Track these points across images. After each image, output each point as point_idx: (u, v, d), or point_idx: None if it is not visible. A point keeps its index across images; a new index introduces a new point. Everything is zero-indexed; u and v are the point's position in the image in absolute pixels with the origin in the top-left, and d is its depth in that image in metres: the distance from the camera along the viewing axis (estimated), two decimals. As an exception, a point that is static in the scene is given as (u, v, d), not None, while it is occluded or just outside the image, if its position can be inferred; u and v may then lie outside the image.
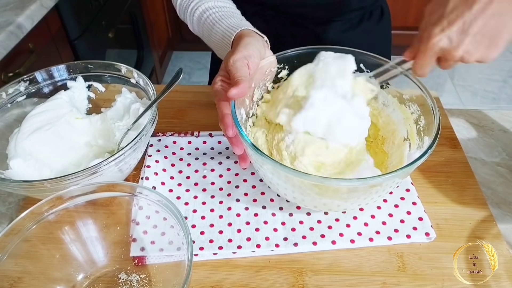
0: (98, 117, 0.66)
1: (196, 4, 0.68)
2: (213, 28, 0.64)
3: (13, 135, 0.60)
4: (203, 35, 0.69)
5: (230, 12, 0.66)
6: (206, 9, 0.67)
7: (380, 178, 0.44)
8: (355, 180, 0.45)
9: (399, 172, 0.44)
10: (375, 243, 0.53)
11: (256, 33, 0.59)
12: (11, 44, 0.97)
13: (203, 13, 0.67)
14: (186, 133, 0.68)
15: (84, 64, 0.67)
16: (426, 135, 0.52)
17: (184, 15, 0.72)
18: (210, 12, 0.66)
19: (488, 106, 2.23)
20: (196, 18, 0.68)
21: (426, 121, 0.53)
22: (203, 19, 0.67)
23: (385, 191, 0.50)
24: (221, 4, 0.68)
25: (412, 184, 0.60)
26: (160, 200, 0.47)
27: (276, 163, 0.45)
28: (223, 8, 0.67)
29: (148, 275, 0.51)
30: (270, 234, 0.54)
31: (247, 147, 0.48)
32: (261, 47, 0.56)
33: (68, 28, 1.31)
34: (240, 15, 0.67)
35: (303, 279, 0.50)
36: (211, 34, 0.65)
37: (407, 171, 0.45)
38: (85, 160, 0.61)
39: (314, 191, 0.47)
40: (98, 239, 0.51)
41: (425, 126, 0.53)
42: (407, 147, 0.55)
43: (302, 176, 0.44)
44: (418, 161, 0.45)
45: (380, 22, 0.88)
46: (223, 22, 0.63)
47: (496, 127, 0.73)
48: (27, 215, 0.45)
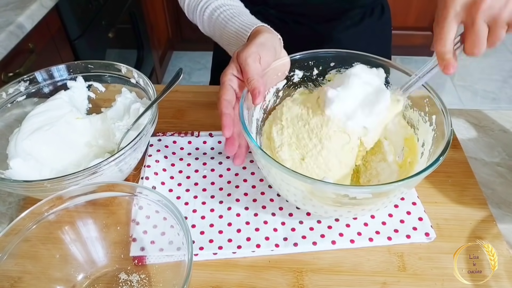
0: (98, 117, 0.66)
1: (205, 4, 0.68)
2: (226, 26, 0.64)
3: (13, 135, 0.60)
4: (214, 34, 0.69)
5: (241, 10, 0.67)
6: (217, 7, 0.67)
7: (387, 186, 0.44)
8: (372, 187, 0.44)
9: (406, 181, 0.43)
10: (375, 243, 0.53)
11: (272, 31, 0.60)
12: (11, 44, 0.97)
13: (213, 12, 0.67)
14: (186, 133, 0.68)
15: (84, 64, 0.67)
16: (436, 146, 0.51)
17: (193, 15, 0.72)
18: (221, 10, 0.66)
19: (488, 106, 2.23)
20: (206, 17, 0.68)
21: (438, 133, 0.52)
22: (214, 17, 0.67)
23: (388, 202, 0.50)
24: (231, 2, 0.68)
25: (412, 184, 0.60)
26: (160, 200, 0.47)
27: (282, 167, 0.44)
28: (233, 6, 0.67)
29: (148, 275, 0.51)
30: (270, 234, 0.54)
31: (254, 150, 0.48)
32: (277, 45, 0.56)
33: (68, 28, 1.31)
34: (250, 13, 0.68)
35: (303, 279, 0.50)
36: (223, 32, 0.65)
37: (415, 180, 0.44)
38: (85, 160, 0.61)
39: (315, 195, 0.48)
40: (98, 239, 0.51)
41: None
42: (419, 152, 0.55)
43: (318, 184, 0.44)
44: (429, 169, 0.44)
45: (381, 19, 0.88)
46: (237, 19, 0.63)
47: (496, 127, 0.73)
48: (27, 215, 0.45)
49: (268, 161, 0.45)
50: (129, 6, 1.78)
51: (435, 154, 0.48)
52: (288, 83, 0.62)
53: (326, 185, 0.44)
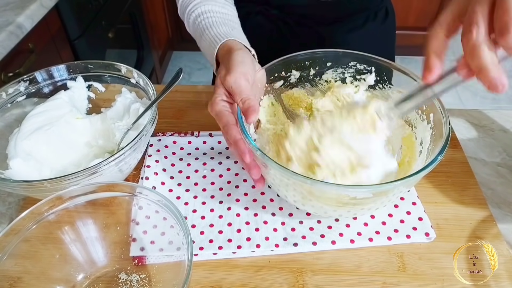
0: (98, 117, 0.66)
1: (194, 6, 0.67)
2: (203, 34, 0.63)
3: (13, 135, 0.60)
4: (195, 38, 0.68)
5: (225, 19, 0.65)
6: (202, 12, 0.65)
7: (386, 185, 0.44)
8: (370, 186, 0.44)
9: (405, 180, 0.43)
10: (375, 243, 0.53)
11: (244, 46, 0.58)
12: (11, 44, 0.97)
13: (198, 17, 0.66)
14: (186, 133, 0.68)
15: (84, 64, 0.67)
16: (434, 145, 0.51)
17: (183, 15, 0.71)
18: (204, 17, 0.65)
19: (488, 106, 2.23)
20: (191, 20, 0.67)
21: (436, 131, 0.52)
22: (197, 22, 0.66)
23: (387, 201, 0.49)
24: (219, 9, 0.66)
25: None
26: (160, 200, 0.47)
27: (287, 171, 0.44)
28: (219, 13, 0.65)
29: (148, 275, 0.51)
30: (270, 234, 0.54)
31: (264, 162, 0.46)
32: (252, 61, 0.55)
33: (68, 28, 1.31)
34: (235, 24, 0.66)
35: (303, 279, 0.50)
36: (201, 39, 0.64)
37: (415, 179, 0.44)
38: (85, 160, 0.61)
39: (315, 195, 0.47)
40: (98, 239, 0.51)
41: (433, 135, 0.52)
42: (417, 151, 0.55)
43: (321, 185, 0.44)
44: (428, 167, 0.44)
45: (385, 23, 0.87)
46: (213, 29, 0.62)
47: (496, 127, 0.73)
48: (27, 215, 0.45)
49: (268, 162, 0.45)
50: (129, 6, 1.78)
51: (434, 153, 0.47)
52: (285, 83, 0.62)
53: (326, 185, 0.44)
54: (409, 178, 0.43)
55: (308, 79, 0.62)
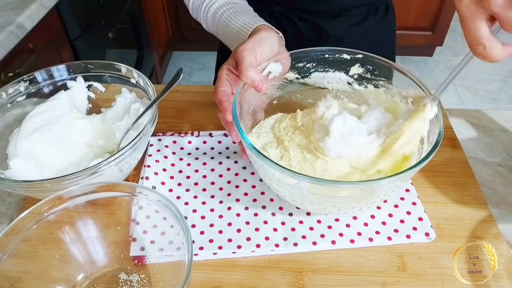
0: (98, 117, 0.66)
1: (209, 2, 0.70)
2: (229, 25, 0.66)
3: (13, 135, 0.60)
4: (217, 32, 0.71)
5: (244, 8, 0.68)
6: (220, 6, 0.69)
7: (381, 181, 0.44)
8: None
9: (399, 175, 0.43)
10: (375, 243, 0.53)
11: (272, 29, 0.61)
12: (11, 44, 0.97)
13: (217, 11, 0.69)
14: (186, 133, 0.68)
15: (84, 64, 0.67)
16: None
17: (198, 14, 0.74)
18: (225, 9, 0.68)
19: (488, 106, 2.23)
20: (210, 16, 0.70)
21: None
22: (218, 16, 0.69)
23: (381, 197, 0.50)
24: (234, 0, 0.69)
25: (412, 184, 0.60)
26: (160, 200, 0.47)
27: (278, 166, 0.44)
28: (236, 4, 0.69)
29: (148, 275, 0.51)
30: (270, 234, 0.54)
31: (249, 150, 0.48)
32: (274, 42, 0.58)
33: (68, 28, 1.31)
34: (253, 11, 0.69)
35: (303, 279, 0.50)
36: (226, 30, 0.67)
37: (409, 174, 0.44)
38: (85, 160, 0.61)
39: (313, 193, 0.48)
40: (98, 239, 0.51)
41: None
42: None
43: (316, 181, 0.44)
44: (422, 163, 0.44)
45: (385, 18, 0.88)
46: (239, 18, 0.65)
47: (496, 127, 0.73)
48: (27, 215, 0.45)
49: (259, 157, 0.45)
50: (129, 6, 1.78)
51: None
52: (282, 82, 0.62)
53: (319, 181, 0.44)
54: (403, 173, 0.44)
55: (305, 76, 0.62)
